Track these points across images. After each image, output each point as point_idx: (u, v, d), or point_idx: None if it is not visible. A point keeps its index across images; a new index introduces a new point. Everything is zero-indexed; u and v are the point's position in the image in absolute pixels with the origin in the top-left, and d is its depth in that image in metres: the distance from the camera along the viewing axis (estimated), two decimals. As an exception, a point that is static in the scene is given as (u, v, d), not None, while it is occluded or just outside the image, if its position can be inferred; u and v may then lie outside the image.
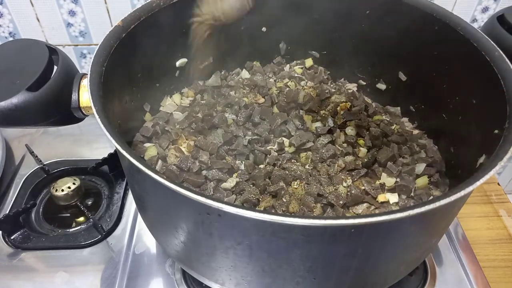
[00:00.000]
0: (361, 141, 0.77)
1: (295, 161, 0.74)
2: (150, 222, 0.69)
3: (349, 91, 0.90)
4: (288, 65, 0.95)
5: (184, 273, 0.80)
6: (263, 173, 0.70)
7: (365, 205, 0.70)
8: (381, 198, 0.71)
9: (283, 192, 0.68)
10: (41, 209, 0.94)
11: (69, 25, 1.07)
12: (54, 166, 1.01)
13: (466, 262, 0.84)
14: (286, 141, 0.76)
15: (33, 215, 0.92)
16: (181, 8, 0.76)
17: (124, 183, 0.97)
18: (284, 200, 0.67)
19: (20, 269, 0.82)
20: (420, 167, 0.74)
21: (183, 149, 0.75)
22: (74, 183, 0.92)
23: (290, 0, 0.85)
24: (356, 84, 0.96)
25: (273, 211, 0.67)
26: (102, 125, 0.51)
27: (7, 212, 0.90)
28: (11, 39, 1.09)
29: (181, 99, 0.88)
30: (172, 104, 0.86)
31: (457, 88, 0.73)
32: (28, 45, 0.62)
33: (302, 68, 0.93)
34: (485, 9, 1.08)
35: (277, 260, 0.53)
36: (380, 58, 0.88)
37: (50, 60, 0.60)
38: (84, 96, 0.60)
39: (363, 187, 0.71)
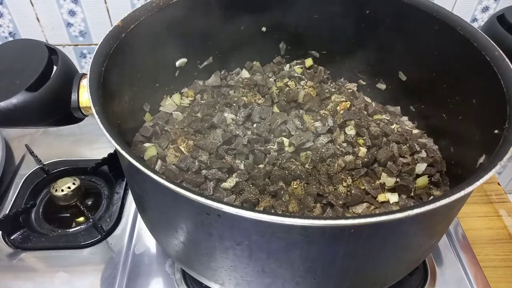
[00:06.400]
0: (360, 141, 0.77)
1: (294, 160, 0.74)
2: (150, 222, 0.69)
3: (349, 90, 0.90)
4: (288, 65, 0.95)
5: (184, 273, 0.80)
6: (263, 173, 0.70)
7: (365, 205, 0.70)
8: (381, 198, 0.71)
9: (282, 192, 0.68)
10: (41, 209, 0.94)
11: (69, 25, 1.07)
12: (54, 166, 1.01)
13: (466, 262, 0.84)
14: (286, 141, 0.76)
15: (33, 215, 0.92)
16: (181, 8, 0.76)
17: (124, 183, 0.97)
18: (284, 200, 0.67)
19: (20, 269, 0.83)
20: (421, 167, 0.74)
21: (183, 149, 0.75)
22: (74, 183, 0.92)
23: (291, 0, 0.85)
24: (356, 84, 0.96)
25: (272, 211, 0.67)
26: (101, 125, 0.51)
27: (7, 212, 0.90)
28: (11, 39, 1.09)
29: (181, 99, 0.88)
30: (172, 104, 0.86)
31: (457, 88, 0.73)
32: (28, 45, 0.62)
33: (302, 68, 0.93)
34: (485, 9, 1.08)
35: (277, 260, 0.52)
36: (380, 58, 0.88)
37: (50, 60, 0.60)
38: (84, 96, 0.60)
39: (363, 187, 0.71)
